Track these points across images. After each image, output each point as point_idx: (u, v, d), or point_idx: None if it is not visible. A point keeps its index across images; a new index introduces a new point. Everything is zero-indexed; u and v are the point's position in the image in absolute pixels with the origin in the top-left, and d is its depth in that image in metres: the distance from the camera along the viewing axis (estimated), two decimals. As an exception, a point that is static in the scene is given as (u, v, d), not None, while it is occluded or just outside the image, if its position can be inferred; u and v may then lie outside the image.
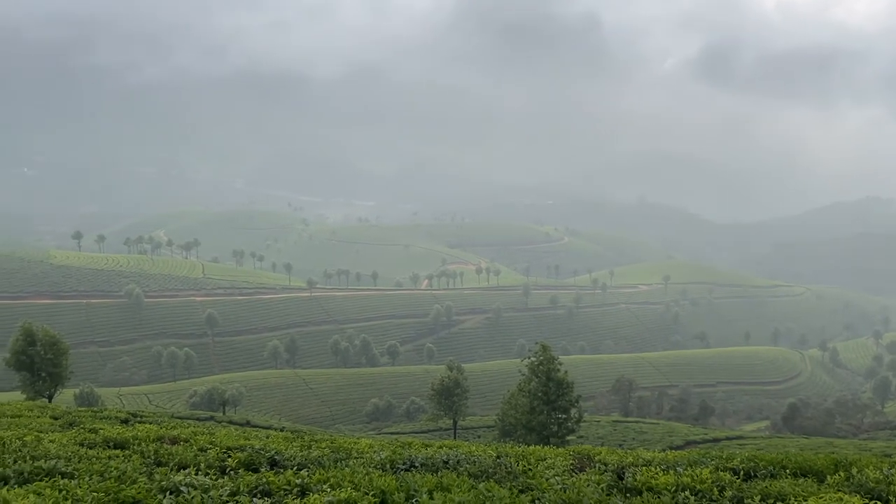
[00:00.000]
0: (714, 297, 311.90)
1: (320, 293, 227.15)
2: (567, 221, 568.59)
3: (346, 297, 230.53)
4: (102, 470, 9.84)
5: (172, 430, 20.46)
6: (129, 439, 16.26)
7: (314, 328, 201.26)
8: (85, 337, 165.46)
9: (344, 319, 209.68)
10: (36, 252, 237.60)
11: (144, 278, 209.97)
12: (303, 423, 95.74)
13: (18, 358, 61.96)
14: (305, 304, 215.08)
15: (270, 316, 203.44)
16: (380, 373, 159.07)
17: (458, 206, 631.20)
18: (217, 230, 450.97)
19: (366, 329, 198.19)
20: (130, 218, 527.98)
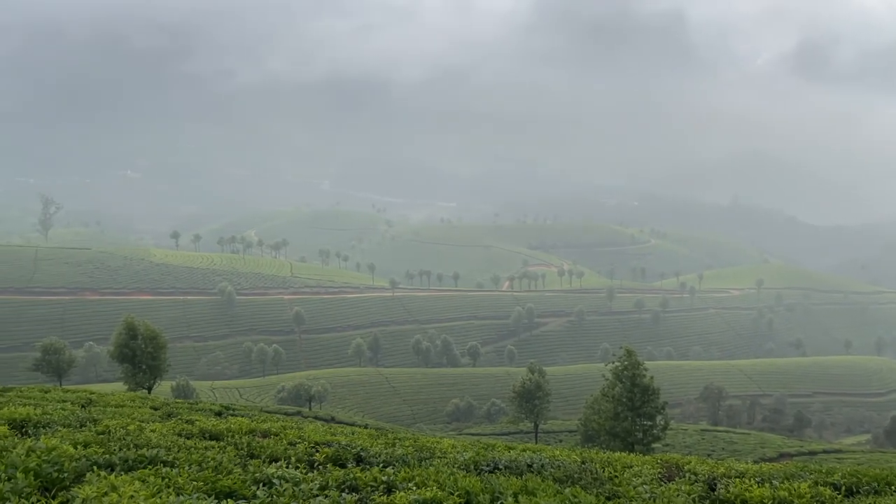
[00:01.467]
0: (811, 303, 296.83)
1: (402, 293, 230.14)
2: (654, 223, 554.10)
3: (427, 297, 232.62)
4: (200, 460, 10.26)
5: (262, 423, 21.15)
6: (224, 431, 16.92)
7: (396, 327, 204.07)
8: (181, 332, 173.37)
9: (425, 319, 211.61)
10: (137, 250, 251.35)
11: (236, 276, 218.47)
12: (385, 421, 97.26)
13: (121, 350, 65.63)
14: (388, 304, 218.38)
15: (354, 314, 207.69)
16: (461, 373, 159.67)
17: (540, 207, 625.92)
18: (304, 230, 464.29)
19: (447, 329, 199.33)
20: (224, 218, 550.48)
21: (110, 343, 69.35)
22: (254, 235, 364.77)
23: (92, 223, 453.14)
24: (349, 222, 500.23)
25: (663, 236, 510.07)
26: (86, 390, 38.91)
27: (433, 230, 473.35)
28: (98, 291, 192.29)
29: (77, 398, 28.30)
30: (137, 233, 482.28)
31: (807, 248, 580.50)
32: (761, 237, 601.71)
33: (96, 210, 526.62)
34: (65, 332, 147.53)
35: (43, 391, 32.19)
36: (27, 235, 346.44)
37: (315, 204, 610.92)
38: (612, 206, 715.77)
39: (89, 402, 27.06)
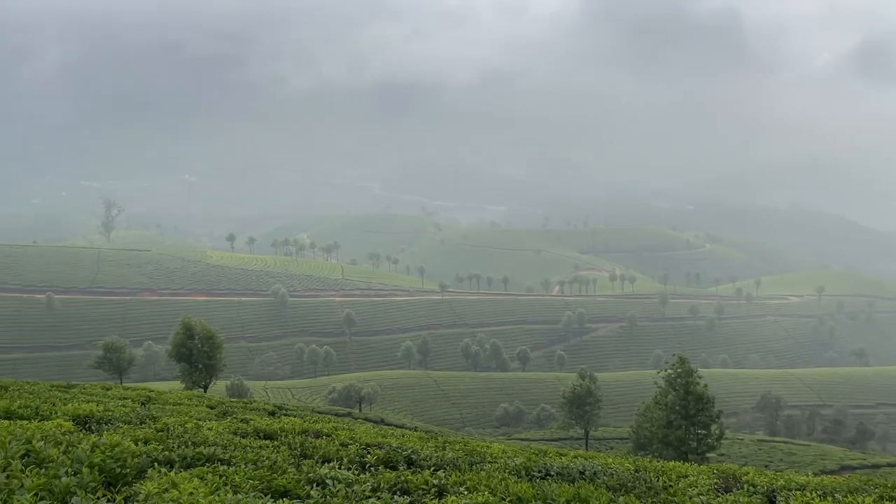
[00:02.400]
0: (875, 310, 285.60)
1: (452, 296, 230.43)
2: (709, 227, 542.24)
3: (476, 300, 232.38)
4: (255, 459, 10.43)
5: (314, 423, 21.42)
6: (277, 431, 17.19)
7: (445, 331, 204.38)
8: (236, 332, 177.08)
9: (474, 323, 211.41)
10: (194, 252, 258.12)
11: (289, 278, 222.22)
12: (434, 424, 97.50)
13: (179, 350, 67.40)
14: (437, 307, 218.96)
15: (404, 317, 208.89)
16: (510, 378, 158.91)
17: (590, 210, 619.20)
18: (355, 233, 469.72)
19: (496, 333, 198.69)
20: (278, 221, 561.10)
21: (168, 342, 71.29)
22: (306, 238, 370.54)
23: (152, 226, 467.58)
24: (399, 225, 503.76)
25: (719, 241, 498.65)
26: (145, 388, 40.10)
27: (482, 234, 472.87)
28: (157, 292, 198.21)
29: (137, 396, 29.19)
30: (195, 235, 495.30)
31: (868, 254, 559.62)
32: (820, 242, 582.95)
33: (156, 213, 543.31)
34: (125, 332, 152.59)
35: (104, 388, 33.30)
36: (91, 237, 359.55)
37: (366, 207, 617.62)
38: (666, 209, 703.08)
39: (148, 399, 27.87)
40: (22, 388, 26.07)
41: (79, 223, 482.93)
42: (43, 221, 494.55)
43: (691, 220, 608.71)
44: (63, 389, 29.34)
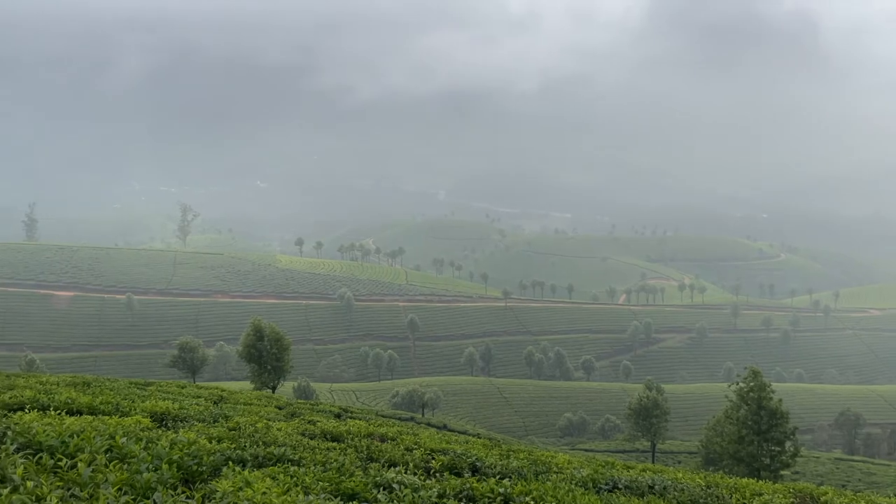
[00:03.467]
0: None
1: (515, 304, 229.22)
2: (784, 237, 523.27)
3: (540, 308, 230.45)
4: (324, 460, 10.58)
5: (379, 427, 21.62)
6: (343, 433, 17.42)
7: (508, 338, 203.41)
8: (303, 335, 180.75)
9: (538, 331, 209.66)
10: (264, 256, 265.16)
11: (355, 283, 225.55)
12: (496, 431, 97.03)
13: (249, 351, 69.19)
14: (501, 314, 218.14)
15: (467, 324, 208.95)
16: (574, 387, 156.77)
17: (659, 218, 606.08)
18: (420, 239, 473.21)
19: (560, 342, 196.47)
20: (345, 226, 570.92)
21: (239, 343, 73.25)
22: (372, 244, 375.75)
23: (225, 230, 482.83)
24: (463, 232, 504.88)
25: (794, 251, 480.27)
26: (217, 387, 41.31)
27: (547, 241, 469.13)
28: (229, 294, 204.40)
29: (209, 395, 30.09)
30: (265, 239, 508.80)
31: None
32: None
33: (229, 218, 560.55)
34: (199, 332, 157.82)
35: (179, 387, 34.48)
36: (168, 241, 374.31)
37: (430, 214, 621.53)
38: (739, 218, 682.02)
39: (220, 398, 28.70)
40: (103, 385, 27.27)
41: (157, 227, 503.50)
42: (124, 225, 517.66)
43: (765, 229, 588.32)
44: (141, 387, 30.54)
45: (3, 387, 21.92)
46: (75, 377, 31.98)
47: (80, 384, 26.06)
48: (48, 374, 46.88)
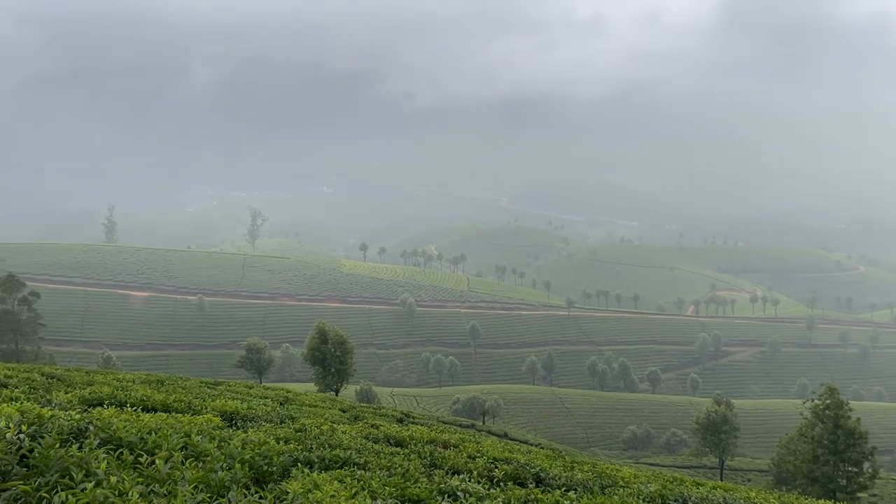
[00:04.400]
0: None
1: (578, 313, 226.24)
2: (863, 248, 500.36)
3: (604, 318, 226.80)
4: (388, 465, 10.61)
5: (441, 433, 21.61)
6: (406, 438, 17.47)
7: (571, 347, 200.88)
8: (366, 339, 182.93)
9: (602, 341, 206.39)
10: (329, 261, 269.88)
11: (417, 288, 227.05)
12: (557, 442, 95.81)
13: (313, 354, 70.53)
14: (563, 323, 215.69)
15: (529, 332, 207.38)
16: (639, 399, 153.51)
17: (730, 227, 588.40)
18: (482, 246, 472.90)
19: (624, 353, 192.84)
20: (407, 232, 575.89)
21: (304, 346, 74.74)
22: (434, 250, 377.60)
23: (292, 234, 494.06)
24: (526, 239, 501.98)
25: (875, 263, 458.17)
26: (283, 388, 42.17)
27: (612, 249, 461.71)
28: (295, 297, 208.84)
29: (276, 396, 30.72)
30: (330, 244, 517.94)
31: None
32: None
33: (296, 222, 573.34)
34: (265, 334, 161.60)
35: (247, 387, 35.34)
36: (237, 244, 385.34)
37: (493, 220, 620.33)
38: (814, 228, 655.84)
39: (286, 400, 29.25)
40: (176, 383, 28.19)
41: (227, 231, 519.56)
42: (197, 228, 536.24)
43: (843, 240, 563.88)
44: (211, 386, 31.43)
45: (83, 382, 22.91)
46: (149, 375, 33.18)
47: (154, 382, 27.02)
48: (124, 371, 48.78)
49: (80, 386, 19.76)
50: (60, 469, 5.03)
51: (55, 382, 21.67)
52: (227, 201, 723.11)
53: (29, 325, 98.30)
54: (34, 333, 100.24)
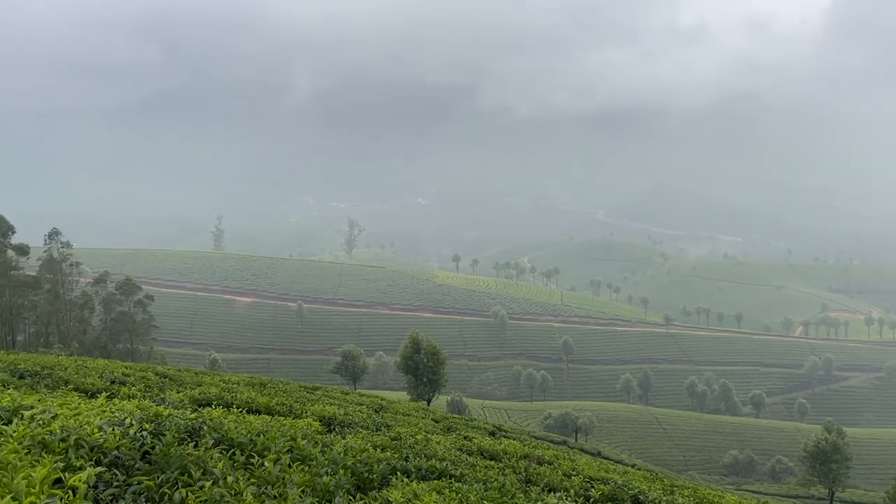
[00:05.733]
0: None
1: (677, 330, 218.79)
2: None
3: (705, 336, 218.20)
4: (484, 479, 10.53)
5: (534, 449, 21.32)
6: (500, 452, 17.36)
7: (668, 366, 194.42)
8: (457, 350, 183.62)
9: (702, 360, 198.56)
10: (423, 271, 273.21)
11: (509, 301, 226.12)
12: (653, 463, 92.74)
13: (406, 362, 71.56)
14: (661, 340, 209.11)
15: (624, 348, 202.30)
16: (741, 423, 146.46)
17: (843, 244, 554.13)
18: (576, 260, 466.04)
19: (726, 374, 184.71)
20: (501, 244, 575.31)
21: (398, 355, 75.89)
22: (527, 262, 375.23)
23: (387, 245, 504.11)
24: (622, 254, 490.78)
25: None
26: (376, 396, 42.91)
27: (714, 266, 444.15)
28: (389, 306, 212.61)
29: (371, 403, 31.29)
30: (424, 255, 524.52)
31: None
32: None
33: (391, 233, 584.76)
34: (360, 341, 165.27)
35: (344, 393, 36.18)
36: (335, 253, 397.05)
37: (588, 234, 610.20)
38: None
39: (381, 407, 29.73)
40: (277, 387, 29.20)
41: (326, 240, 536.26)
42: (297, 237, 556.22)
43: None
44: (309, 391, 32.36)
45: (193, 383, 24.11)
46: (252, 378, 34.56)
47: (257, 385, 28.09)
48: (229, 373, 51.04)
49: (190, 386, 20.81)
50: (180, 466, 5.28)
51: (168, 382, 22.92)
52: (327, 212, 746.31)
53: (143, 327, 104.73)
54: (147, 334, 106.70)
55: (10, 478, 4.11)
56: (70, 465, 4.89)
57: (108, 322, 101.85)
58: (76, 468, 4.87)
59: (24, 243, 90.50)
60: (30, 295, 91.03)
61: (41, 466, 4.31)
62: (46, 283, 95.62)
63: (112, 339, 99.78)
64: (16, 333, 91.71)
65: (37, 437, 5.12)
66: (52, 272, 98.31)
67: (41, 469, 4.24)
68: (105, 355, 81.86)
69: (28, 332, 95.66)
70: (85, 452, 5.21)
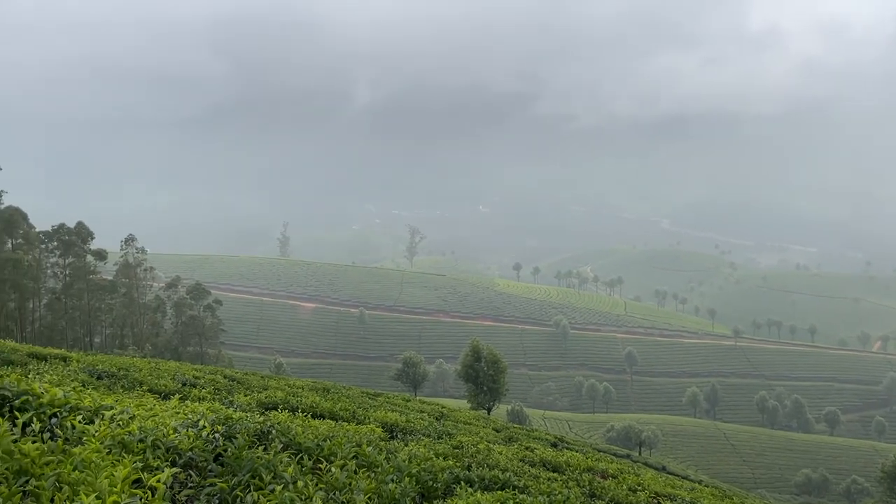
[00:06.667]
0: None
1: (746, 343, 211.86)
2: None
3: (776, 350, 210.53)
4: (548, 491, 10.38)
5: (597, 462, 20.93)
6: (563, 464, 17.10)
7: (737, 380, 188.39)
8: (517, 359, 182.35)
9: (772, 375, 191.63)
10: (483, 279, 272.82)
11: (571, 310, 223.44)
12: (720, 480, 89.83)
13: (467, 371, 71.45)
14: (729, 354, 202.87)
15: (690, 361, 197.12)
16: (814, 441, 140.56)
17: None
18: (640, 269, 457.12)
19: (798, 389, 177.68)
20: (562, 253, 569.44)
21: (458, 362, 75.90)
22: (589, 271, 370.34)
23: (448, 252, 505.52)
24: (688, 263, 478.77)
25: None
26: (437, 403, 42.96)
27: (786, 277, 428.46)
28: (449, 314, 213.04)
29: (432, 410, 31.32)
30: (484, 263, 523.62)
31: None
32: None
33: (452, 241, 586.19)
34: (420, 348, 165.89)
35: (405, 400, 36.36)
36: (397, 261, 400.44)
37: (652, 243, 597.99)
38: None
39: (442, 415, 29.74)
40: (340, 392, 29.58)
41: (388, 247, 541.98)
42: (360, 245, 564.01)
43: None
44: (371, 397, 32.67)
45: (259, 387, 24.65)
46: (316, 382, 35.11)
47: (320, 390, 28.52)
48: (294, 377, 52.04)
49: (257, 390, 21.28)
50: (251, 469, 5.39)
51: (235, 385, 23.50)
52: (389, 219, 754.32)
53: (212, 330, 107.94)
54: (216, 338, 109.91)
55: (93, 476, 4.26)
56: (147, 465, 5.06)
57: (178, 325, 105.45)
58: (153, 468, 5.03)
59: (102, 248, 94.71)
60: (106, 298, 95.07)
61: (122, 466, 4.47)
62: (122, 286, 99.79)
63: (182, 342, 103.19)
64: (93, 335, 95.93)
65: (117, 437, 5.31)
66: (128, 276, 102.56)
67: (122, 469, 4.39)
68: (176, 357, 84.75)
69: (104, 334, 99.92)
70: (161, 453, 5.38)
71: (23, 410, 5.56)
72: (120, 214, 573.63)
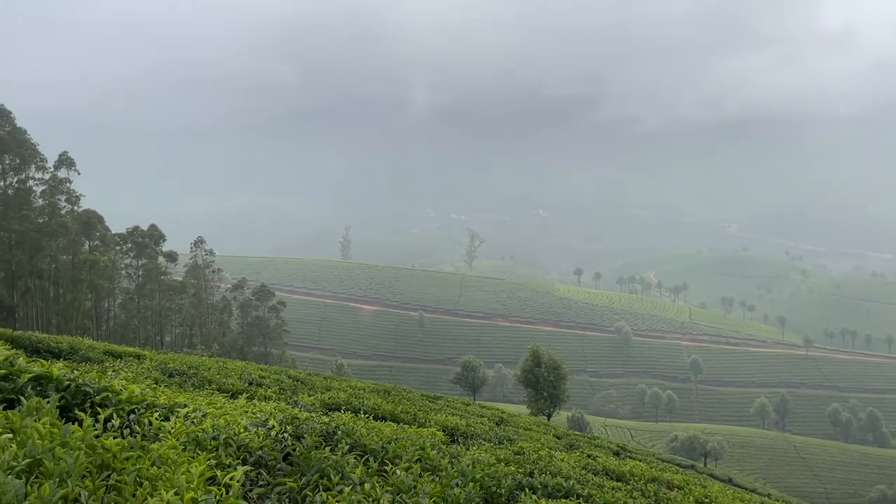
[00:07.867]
0: None
1: (818, 353, 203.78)
2: None
3: (850, 361, 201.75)
4: (612, 501, 10.18)
5: (661, 472, 20.43)
6: (626, 473, 16.77)
7: (808, 391, 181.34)
8: (578, 365, 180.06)
9: (846, 387, 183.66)
10: (543, 284, 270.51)
11: (633, 317, 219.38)
12: (790, 495, 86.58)
13: (526, 376, 70.99)
14: (800, 364, 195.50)
15: (758, 370, 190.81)
16: (891, 456, 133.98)
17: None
18: (706, 275, 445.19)
19: (874, 402, 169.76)
20: (624, 258, 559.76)
21: (518, 367, 75.47)
22: (653, 277, 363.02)
23: (507, 256, 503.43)
24: (757, 270, 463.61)
25: None
26: (497, 408, 42.77)
27: (861, 285, 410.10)
28: (508, 318, 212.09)
29: (492, 415, 31.21)
30: (544, 267, 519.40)
31: None
32: None
33: (511, 245, 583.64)
34: (479, 352, 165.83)
35: (465, 404, 36.34)
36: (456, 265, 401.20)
37: (719, 248, 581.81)
38: None
39: (502, 420, 29.60)
40: (401, 395, 29.78)
41: (447, 251, 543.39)
42: (420, 248, 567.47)
43: None
44: (431, 400, 32.77)
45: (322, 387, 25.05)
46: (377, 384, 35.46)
47: (381, 391, 28.78)
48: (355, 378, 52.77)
49: (320, 390, 21.63)
50: (319, 470, 5.47)
51: (299, 385, 23.95)
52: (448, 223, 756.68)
53: (276, 331, 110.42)
54: (280, 338, 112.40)
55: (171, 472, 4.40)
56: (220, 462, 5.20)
57: (244, 326, 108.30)
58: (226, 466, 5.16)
59: (173, 250, 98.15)
60: (176, 298, 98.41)
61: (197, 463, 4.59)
62: (191, 287, 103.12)
63: (248, 342, 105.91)
64: (164, 333, 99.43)
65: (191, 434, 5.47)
66: (197, 277, 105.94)
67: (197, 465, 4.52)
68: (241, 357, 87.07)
69: (174, 333, 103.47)
70: (233, 451, 5.52)
71: (103, 406, 5.79)
72: (192, 218, 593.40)
